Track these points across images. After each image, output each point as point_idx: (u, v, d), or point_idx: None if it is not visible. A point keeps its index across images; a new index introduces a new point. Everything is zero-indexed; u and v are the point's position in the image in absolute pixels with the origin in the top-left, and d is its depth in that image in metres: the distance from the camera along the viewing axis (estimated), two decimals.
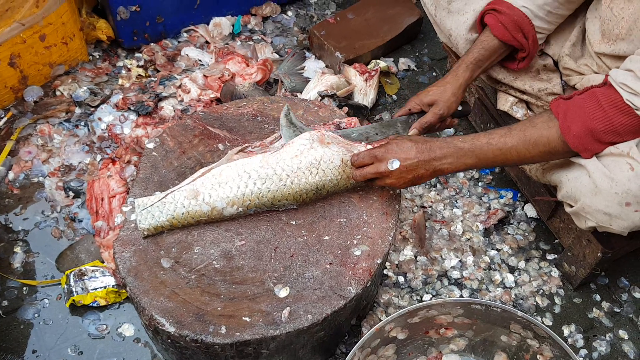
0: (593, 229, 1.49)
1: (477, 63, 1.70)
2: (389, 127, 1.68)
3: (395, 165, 1.45)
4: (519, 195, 2.12)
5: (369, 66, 2.40)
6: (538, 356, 1.59)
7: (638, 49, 1.33)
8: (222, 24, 2.52)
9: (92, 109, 2.22)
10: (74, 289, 1.74)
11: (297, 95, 2.29)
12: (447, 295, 1.88)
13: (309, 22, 2.66)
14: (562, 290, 1.93)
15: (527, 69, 1.77)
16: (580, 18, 1.70)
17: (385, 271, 1.89)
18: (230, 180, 1.48)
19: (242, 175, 1.49)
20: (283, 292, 1.42)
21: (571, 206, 1.49)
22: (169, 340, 1.40)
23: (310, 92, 2.23)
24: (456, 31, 1.81)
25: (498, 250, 2.00)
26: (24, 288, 1.82)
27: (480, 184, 2.16)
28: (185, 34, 2.51)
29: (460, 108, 1.73)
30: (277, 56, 2.46)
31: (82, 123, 2.19)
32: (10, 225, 1.95)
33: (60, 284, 1.81)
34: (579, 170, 1.42)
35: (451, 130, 2.29)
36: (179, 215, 1.47)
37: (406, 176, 1.47)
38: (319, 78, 2.28)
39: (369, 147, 1.56)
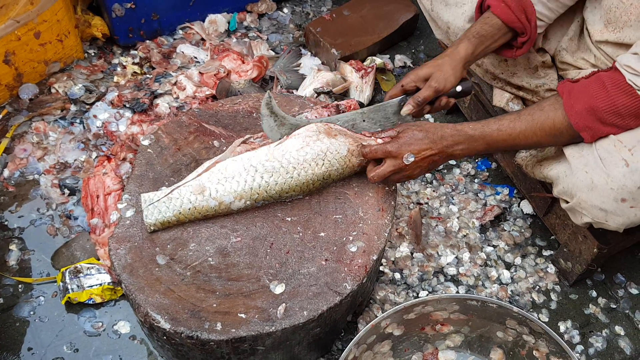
0: (589, 225, 1.49)
1: (479, 38, 1.60)
2: (377, 112, 1.60)
3: (410, 159, 1.47)
4: (515, 191, 2.12)
5: (365, 63, 2.39)
6: (534, 352, 1.59)
7: None
8: (218, 21, 2.51)
9: (87, 107, 2.21)
10: (69, 287, 1.74)
11: (293, 92, 2.29)
12: (443, 292, 1.88)
13: (304, 19, 2.65)
14: (558, 286, 1.93)
15: (525, 65, 1.76)
16: (579, 13, 1.69)
17: (381, 268, 1.89)
18: (236, 175, 1.49)
19: (248, 169, 1.49)
20: (279, 289, 1.42)
21: (567, 202, 1.49)
22: (165, 337, 1.39)
23: (306, 89, 2.23)
24: (454, 23, 1.79)
25: (494, 246, 2.00)
26: (20, 286, 1.81)
27: (476, 180, 2.16)
28: (180, 31, 2.50)
29: (459, 88, 1.60)
30: (272, 53, 2.45)
31: (78, 120, 2.18)
32: (6, 223, 1.94)
33: (55, 281, 1.81)
34: (575, 166, 1.42)
35: None
36: (186, 211, 1.47)
37: (422, 165, 1.49)
38: (314, 75, 2.27)
39: (380, 140, 1.53)
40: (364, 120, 1.60)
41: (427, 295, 1.86)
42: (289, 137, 1.54)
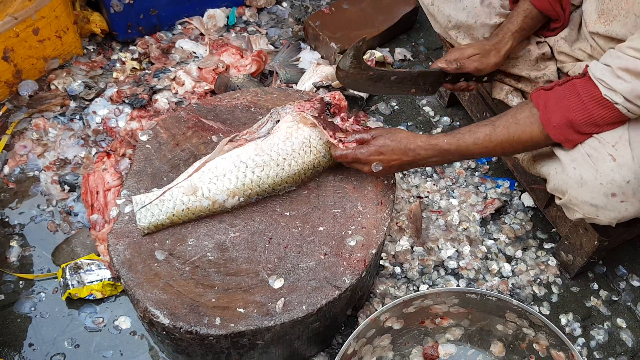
0: (581, 220, 1.49)
1: (521, 32, 1.68)
2: (422, 76, 1.72)
3: (378, 168, 1.49)
4: (515, 184, 2.12)
5: (364, 56, 2.38)
6: (534, 345, 1.59)
7: (619, 44, 1.32)
8: (217, 15, 2.50)
9: (86, 103, 2.21)
10: (70, 283, 1.74)
11: (292, 87, 2.28)
12: (444, 285, 1.87)
13: (304, 12, 2.64)
14: (559, 279, 1.93)
15: (525, 57, 1.76)
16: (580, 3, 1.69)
17: (381, 262, 1.88)
18: (227, 172, 1.48)
19: (239, 166, 1.49)
20: (277, 283, 1.42)
21: (560, 198, 1.49)
22: (164, 332, 1.40)
23: (305, 83, 2.22)
24: (455, 17, 1.79)
25: (495, 239, 2.00)
26: (20, 282, 1.82)
27: (477, 173, 2.15)
28: (179, 26, 2.50)
29: (485, 79, 1.77)
30: (272, 47, 2.45)
31: (77, 117, 2.18)
32: (6, 220, 1.94)
33: (56, 277, 1.81)
34: (565, 163, 1.42)
35: (447, 118, 2.29)
36: (179, 212, 1.46)
37: (389, 171, 1.53)
38: (314, 69, 2.27)
39: (342, 146, 1.52)
40: (409, 80, 1.71)
41: (427, 289, 1.85)
42: (273, 132, 1.54)
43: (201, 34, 2.48)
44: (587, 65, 1.36)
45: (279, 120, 1.56)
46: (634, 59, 1.25)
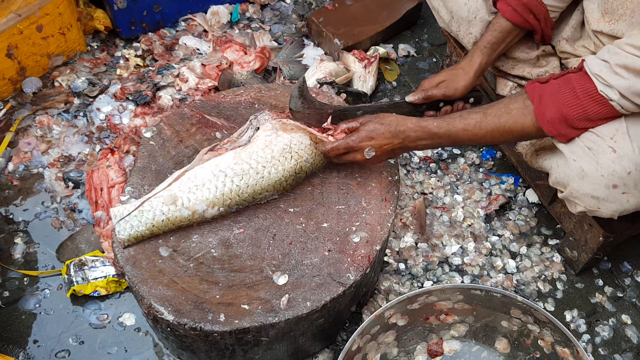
0: (583, 214, 1.49)
1: (491, 47, 1.70)
2: (394, 108, 1.67)
3: (372, 154, 1.48)
4: (520, 180, 2.11)
5: (368, 53, 2.38)
6: (539, 341, 1.59)
7: (617, 41, 1.31)
8: (220, 12, 2.50)
9: (90, 100, 2.21)
10: (74, 279, 1.75)
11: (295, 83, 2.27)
12: (448, 282, 1.87)
13: (307, 9, 2.64)
14: (564, 275, 1.92)
15: (524, 57, 1.77)
16: (581, 1, 1.68)
17: (385, 258, 1.88)
18: (207, 182, 1.46)
19: (217, 175, 1.46)
20: (282, 280, 1.41)
21: (562, 192, 1.49)
22: (169, 329, 1.40)
23: (308, 80, 2.22)
24: (457, 13, 1.80)
25: (499, 236, 1.99)
26: (25, 279, 1.82)
27: (481, 169, 2.15)
28: (183, 23, 2.50)
29: (471, 100, 1.73)
30: (275, 44, 2.44)
31: (81, 114, 2.18)
32: (11, 217, 1.95)
33: (60, 274, 1.81)
34: (566, 156, 1.41)
35: None
36: (159, 223, 1.44)
37: (381, 157, 1.51)
38: (317, 65, 2.26)
39: (331, 138, 1.52)
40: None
41: (431, 285, 1.85)
42: (253, 141, 1.52)
43: (205, 30, 2.47)
44: (583, 60, 1.35)
45: (259, 128, 1.54)
46: (633, 56, 1.25)
